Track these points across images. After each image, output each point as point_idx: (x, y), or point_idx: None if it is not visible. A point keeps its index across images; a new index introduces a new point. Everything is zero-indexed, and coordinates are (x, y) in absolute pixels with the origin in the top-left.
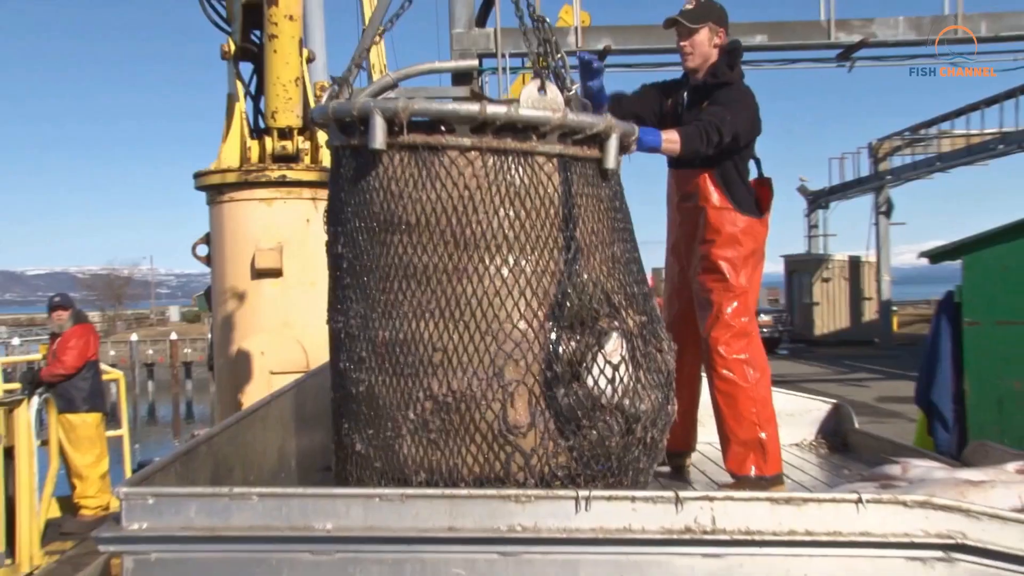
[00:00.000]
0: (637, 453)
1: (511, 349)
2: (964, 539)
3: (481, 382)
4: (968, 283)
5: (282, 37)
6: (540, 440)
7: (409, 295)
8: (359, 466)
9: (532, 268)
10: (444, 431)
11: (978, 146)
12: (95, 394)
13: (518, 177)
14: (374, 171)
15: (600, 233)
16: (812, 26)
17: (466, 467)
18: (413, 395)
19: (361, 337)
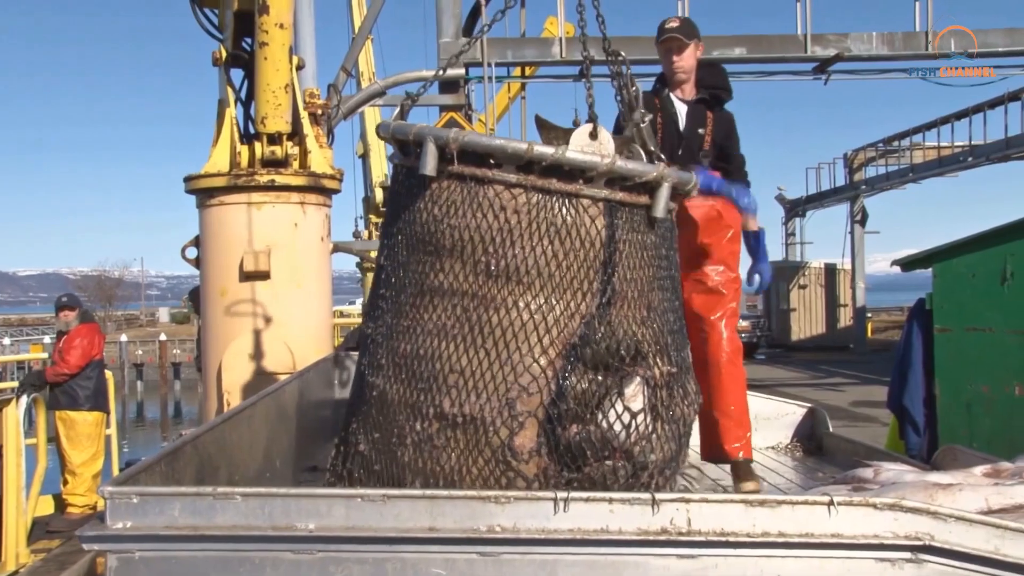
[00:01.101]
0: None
1: (527, 382)
2: (932, 540)
3: (492, 408)
4: (939, 291)
5: (272, 44)
6: (543, 470)
7: (435, 314)
8: (359, 465)
9: (562, 308)
10: (447, 448)
11: (948, 158)
12: (98, 393)
13: (560, 217)
14: (422, 192)
15: (639, 281)
16: (789, 40)
17: (464, 485)
18: (423, 409)
19: (384, 345)
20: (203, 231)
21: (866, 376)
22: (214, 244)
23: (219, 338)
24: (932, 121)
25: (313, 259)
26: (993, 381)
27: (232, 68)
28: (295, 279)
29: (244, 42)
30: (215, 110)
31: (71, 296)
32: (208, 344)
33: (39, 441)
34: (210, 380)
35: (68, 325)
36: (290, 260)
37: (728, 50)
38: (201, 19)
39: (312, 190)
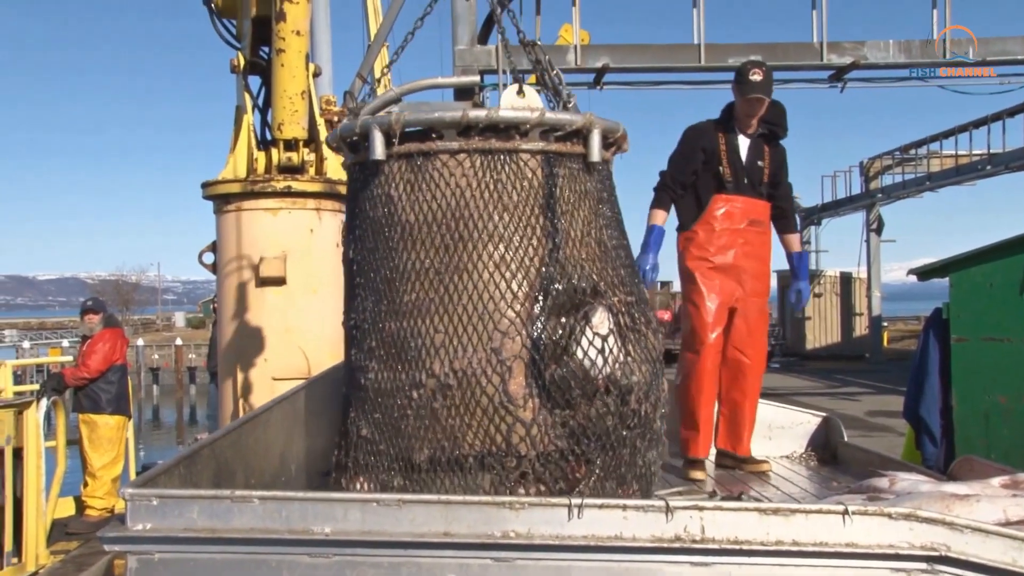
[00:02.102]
0: (633, 428)
1: (506, 328)
2: (948, 551)
3: (481, 359)
4: (956, 300)
5: (289, 52)
6: (538, 412)
7: (411, 287)
8: (363, 450)
9: (521, 256)
10: (447, 408)
11: (967, 166)
12: (120, 397)
13: (504, 175)
14: (376, 180)
15: (584, 222)
16: (805, 48)
17: (467, 442)
18: (417, 377)
19: (371, 330)
20: (220, 237)
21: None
22: (230, 250)
23: (234, 343)
24: (950, 129)
25: (328, 265)
26: (1011, 391)
27: (250, 75)
28: (311, 285)
29: (261, 50)
30: (233, 117)
31: (96, 300)
32: (223, 349)
33: (58, 444)
34: (226, 385)
35: (92, 329)
36: (306, 266)
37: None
38: (220, 29)
39: (328, 196)
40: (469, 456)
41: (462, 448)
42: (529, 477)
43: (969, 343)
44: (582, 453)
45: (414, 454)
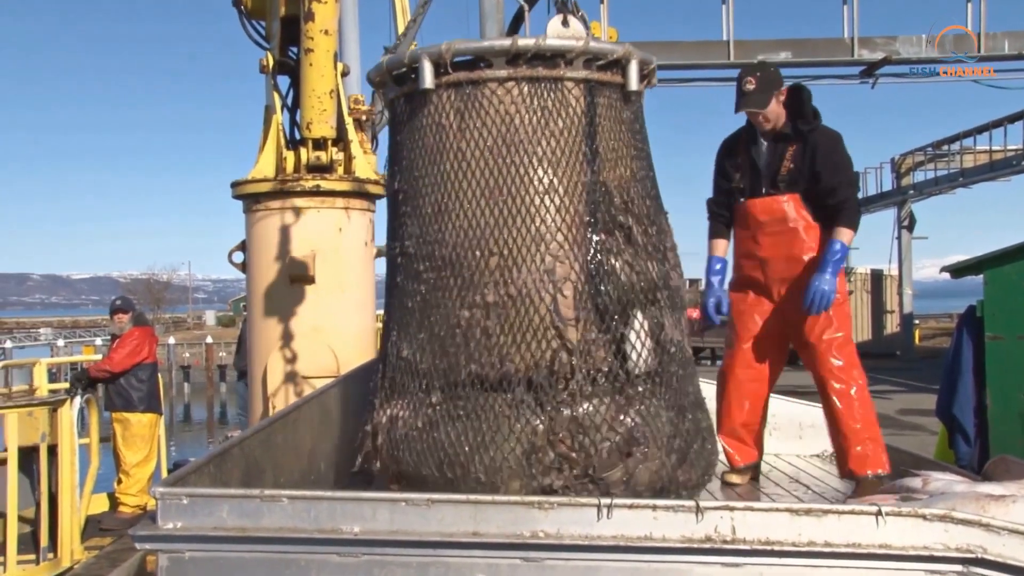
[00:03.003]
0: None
1: (556, 250)
2: (984, 554)
3: (535, 279)
4: (990, 297)
5: (318, 51)
6: (583, 335)
7: (464, 211)
8: (401, 371)
9: (568, 181)
10: (498, 328)
11: (1001, 162)
12: (151, 395)
13: (550, 101)
14: (425, 110)
15: (620, 149)
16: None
17: (516, 361)
18: (469, 298)
19: (417, 254)
20: (249, 236)
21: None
22: (260, 249)
23: (264, 342)
24: (984, 124)
25: (357, 264)
26: None
27: (279, 75)
28: (339, 284)
29: (290, 50)
30: (262, 116)
31: (125, 299)
32: (253, 348)
33: (92, 441)
34: (255, 384)
35: (122, 328)
36: (334, 265)
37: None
38: (249, 30)
39: (356, 195)
40: (517, 374)
41: (510, 367)
42: (577, 397)
43: (1004, 341)
44: (628, 374)
45: (459, 372)
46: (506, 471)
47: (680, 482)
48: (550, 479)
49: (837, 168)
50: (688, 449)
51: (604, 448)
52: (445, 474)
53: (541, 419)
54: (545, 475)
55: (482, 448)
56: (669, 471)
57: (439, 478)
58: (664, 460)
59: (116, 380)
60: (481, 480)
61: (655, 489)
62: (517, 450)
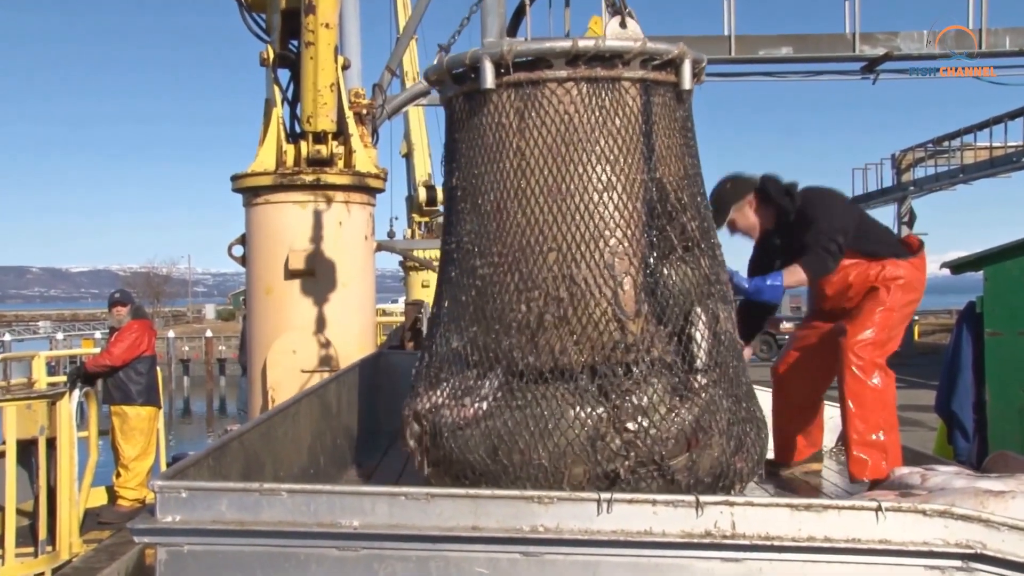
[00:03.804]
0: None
1: (615, 245)
2: (984, 549)
3: (595, 275)
4: (990, 294)
5: (319, 44)
6: (644, 327)
7: (523, 208)
8: (450, 361)
9: (626, 178)
10: (558, 321)
11: (1001, 158)
12: (150, 388)
13: (608, 101)
14: (485, 109)
15: (675, 147)
16: (837, 39)
17: (575, 355)
18: (527, 292)
19: (475, 250)
20: (249, 229)
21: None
22: (260, 242)
23: (264, 335)
24: (984, 121)
25: (357, 258)
26: None
27: (279, 68)
28: (339, 277)
29: (291, 43)
30: (262, 110)
31: (124, 292)
32: (253, 341)
33: (91, 434)
34: (255, 377)
35: (120, 321)
36: (334, 258)
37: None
38: (249, 23)
39: (357, 189)
40: (579, 365)
41: (572, 358)
42: (641, 386)
43: (1003, 337)
44: (689, 364)
45: (516, 364)
46: (570, 457)
47: (736, 470)
48: (615, 465)
49: (815, 221)
50: (745, 437)
51: (669, 435)
52: (501, 461)
53: (605, 407)
54: (610, 461)
55: (545, 435)
56: (728, 458)
57: (491, 465)
58: (724, 447)
59: (115, 373)
60: (544, 466)
61: (715, 475)
62: (582, 436)
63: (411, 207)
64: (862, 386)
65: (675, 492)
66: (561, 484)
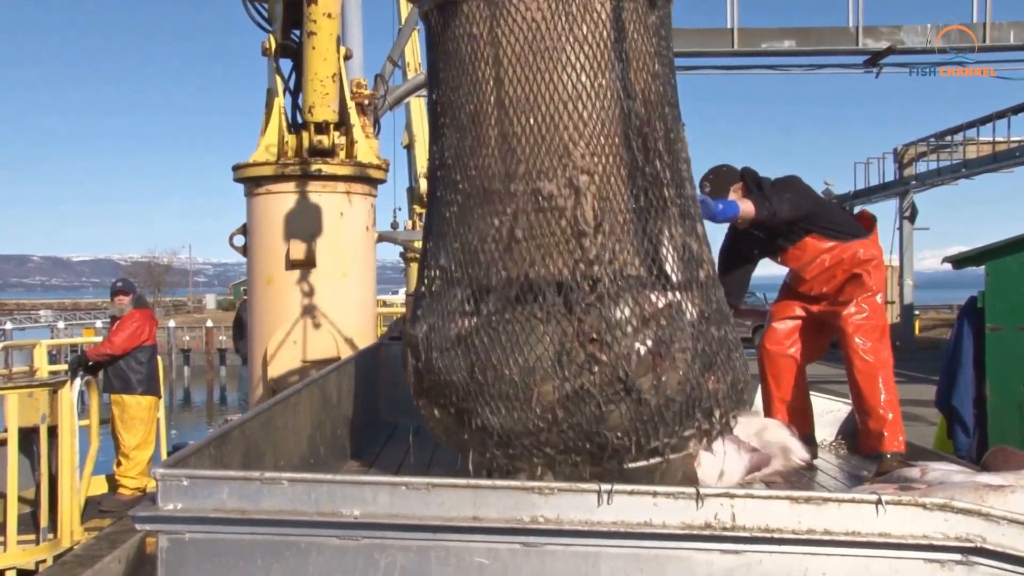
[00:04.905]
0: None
1: (580, 157)
2: (984, 543)
3: (560, 186)
4: (991, 289)
5: (321, 34)
6: (609, 241)
7: (494, 121)
8: (439, 278)
9: (592, 86)
10: (527, 235)
11: (1004, 153)
12: (151, 377)
13: (575, 6)
14: (456, 20)
15: (645, 57)
16: (840, 32)
17: (542, 269)
18: (499, 206)
19: (455, 165)
20: (250, 219)
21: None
22: (261, 232)
23: (265, 325)
24: (987, 115)
25: (358, 248)
26: None
27: (281, 58)
28: (340, 268)
29: (293, 33)
30: (264, 100)
31: (126, 281)
32: (254, 331)
33: (92, 423)
34: (255, 367)
35: (122, 310)
36: (336, 249)
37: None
38: (251, 12)
39: (358, 180)
40: (546, 280)
41: (540, 272)
42: (605, 300)
43: (1004, 332)
44: (653, 280)
45: (490, 280)
46: (539, 373)
47: (711, 391)
48: (581, 380)
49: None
50: (714, 356)
51: (632, 349)
52: (476, 378)
53: (571, 321)
54: (577, 376)
55: (516, 350)
56: (696, 377)
57: (470, 383)
58: (690, 364)
59: (116, 362)
60: (515, 381)
61: (687, 395)
62: (550, 351)
63: (412, 198)
64: (871, 366)
65: (645, 413)
66: (531, 403)
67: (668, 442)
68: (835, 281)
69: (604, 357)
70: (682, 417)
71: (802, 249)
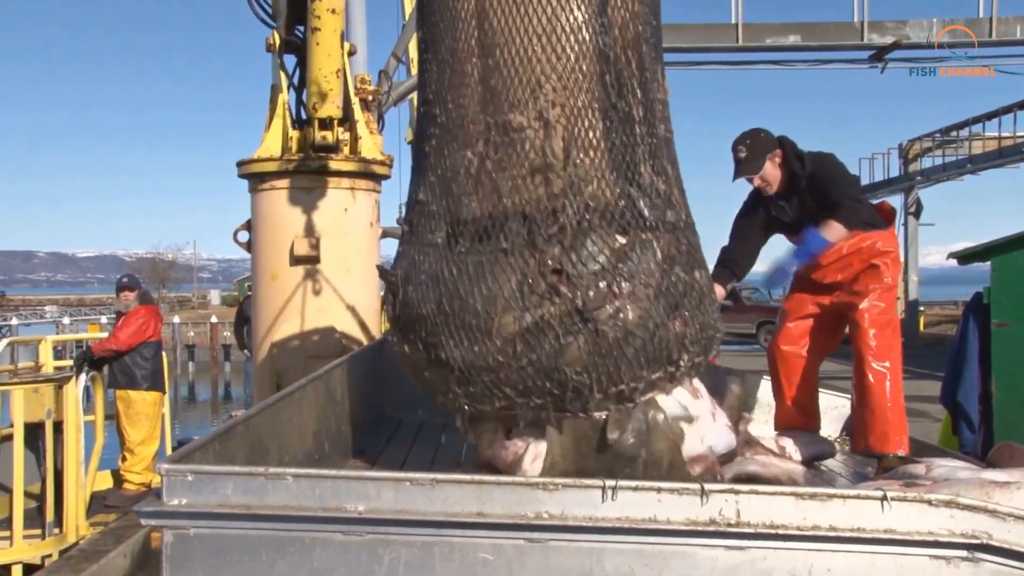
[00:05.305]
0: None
1: (550, 90)
2: (989, 539)
3: (530, 118)
4: (997, 284)
5: (325, 30)
6: (575, 174)
7: (475, 52)
8: (419, 213)
9: (569, 16)
10: (498, 165)
11: (1010, 148)
12: (155, 373)
13: None
14: None
15: None
16: (845, 27)
17: (509, 201)
18: (471, 138)
19: (435, 100)
20: (254, 215)
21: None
22: (265, 228)
23: (269, 321)
24: (993, 111)
25: (362, 244)
26: None
27: (285, 54)
28: (344, 264)
29: (297, 29)
30: (268, 96)
31: (131, 277)
32: (258, 328)
33: (97, 418)
34: (260, 364)
35: (128, 306)
36: (340, 245)
37: (782, 38)
38: (256, 8)
39: (362, 176)
40: (513, 211)
41: (506, 204)
42: (567, 232)
43: (1010, 328)
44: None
45: (460, 212)
46: (500, 303)
47: (677, 334)
48: (541, 311)
49: (834, 180)
50: (680, 298)
51: (592, 282)
52: (444, 309)
53: (533, 253)
54: (537, 307)
55: (480, 281)
56: (659, 316)
57: (437, 315)
58: (652, 301)
59: (120, 358)
60: (478, 311)
61: (649, 332)
62: (512, 282)
63: None
64: (881, 364)
65: (603, 346)
66: (492, 334)
67: (634, 386)
68: (851, 270)
69: (564, 288)
70: (645, 357)
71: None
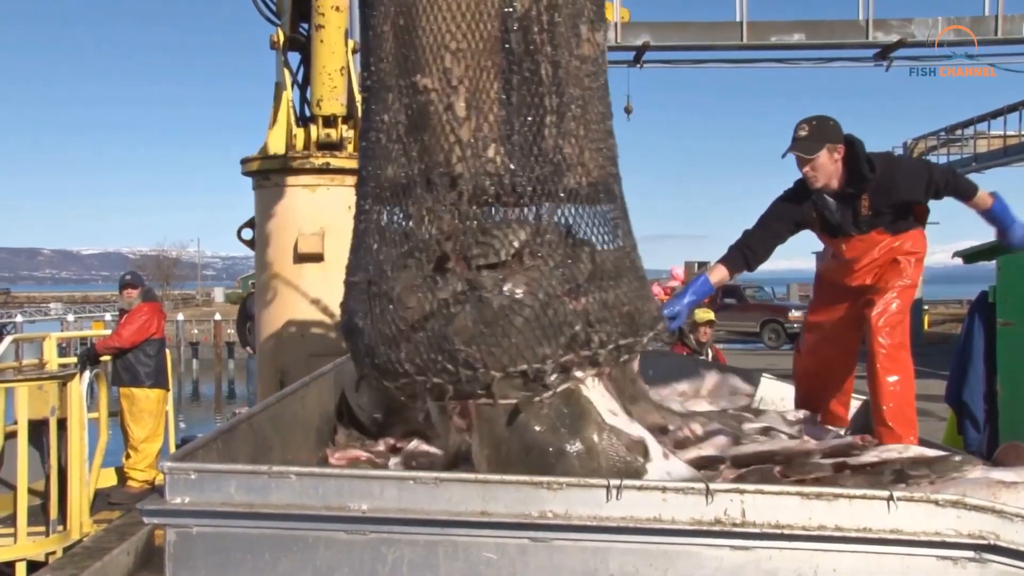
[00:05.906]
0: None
1: (456, 47)
2: (997, 540)
3: (434, 79)
4: (1002, 283)
5: (329, 27)
6: (475, 135)
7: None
8: (359, 179)
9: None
10: (408, 131)
11: (1015, 147)
12: (159, 371)
13: None
14: None
15: None
16: (850, 25)
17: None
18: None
19: (366, 64)
20: (258, 213)
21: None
22: (269, 226)
23: (272, 319)
24: (998, 109)
25: None
26: None
27: (289, 52)
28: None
29: (301, 26)
30: (272, 93)
31: (135, 275)
32: (261, 326)
33: (100, 415)
34: (263, 361)
35: (131, 303)
36: (344, 242)
37: (787, 36)
38: (260, 5)
39: None
40: (421, 175)
41: (416, 168)
42: (464, 196)
43: (1015, 327)
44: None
45: (383, 177)
46: (404, 276)
47: (581, 309)
48: (437, 281)
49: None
50: (582, 270)
51: (481, 251)
52: (377, 282)
53: (432, 219)
54: (431, 277)
55: (388, 247)
56: (551, 287)
57: (362, 283)
58: (544, 273)
59: (124, 355)
60: (388, 277)
61: (537, 298)
62: (412, 250)
63: None
64: (893, 363)
65: (487, 314)
66: (394, 303)
67: (538, 367)
68: (878, 271)
69: (455, 258)
70: (541, 331)
71: (867, 241)
